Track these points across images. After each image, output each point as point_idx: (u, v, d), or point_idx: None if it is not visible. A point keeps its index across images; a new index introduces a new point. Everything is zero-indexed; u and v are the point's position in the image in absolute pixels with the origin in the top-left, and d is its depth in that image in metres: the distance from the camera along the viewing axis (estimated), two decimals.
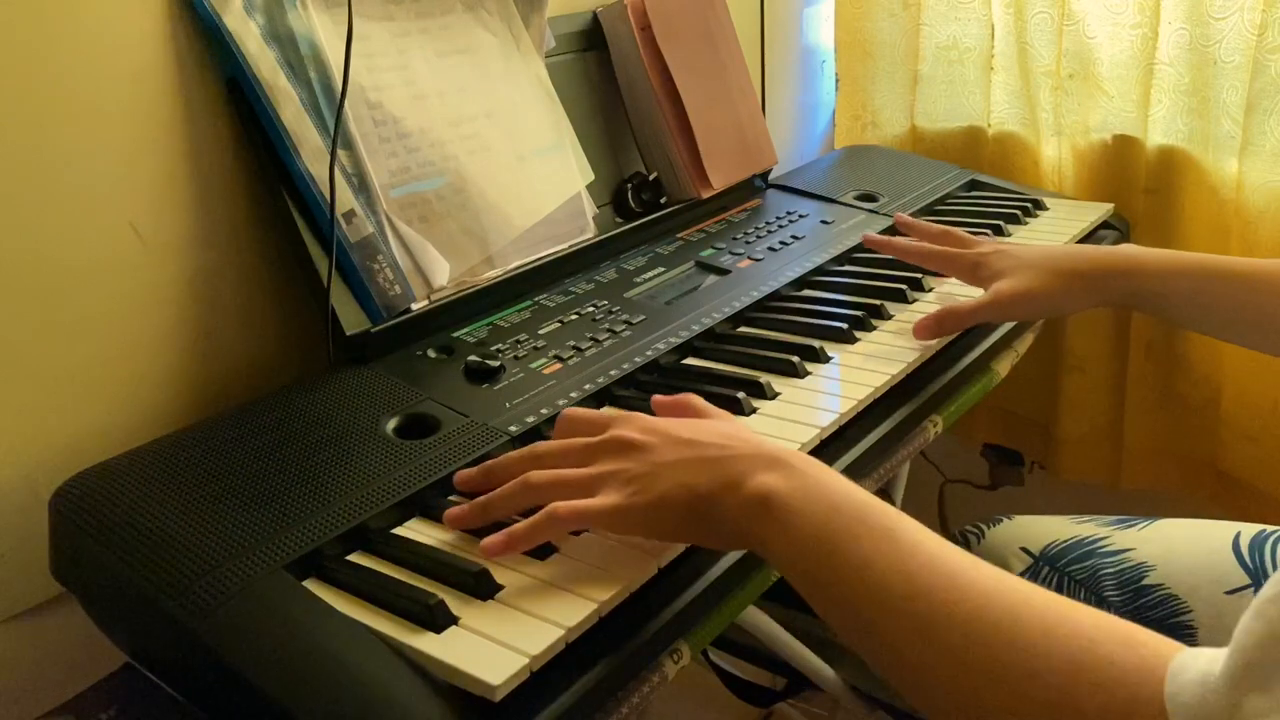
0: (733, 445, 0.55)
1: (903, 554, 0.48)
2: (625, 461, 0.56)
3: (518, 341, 0.78)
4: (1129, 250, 0.82)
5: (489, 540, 0.54)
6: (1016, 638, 0.43)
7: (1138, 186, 1.21)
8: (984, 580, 0.46)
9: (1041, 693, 0.42)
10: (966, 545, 0.90)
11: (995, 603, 0.45)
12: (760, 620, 0.93)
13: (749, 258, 0.97)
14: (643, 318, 0.83)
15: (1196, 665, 0.39)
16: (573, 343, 0.78)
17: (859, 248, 1.01)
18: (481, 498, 0.57)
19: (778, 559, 0.52)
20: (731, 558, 0.59)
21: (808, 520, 0.50)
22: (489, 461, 0.61)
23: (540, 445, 0.60)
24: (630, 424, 0.58)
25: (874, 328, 0.84)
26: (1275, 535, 0.76)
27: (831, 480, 0.53)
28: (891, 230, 1.07)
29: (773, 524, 0.51)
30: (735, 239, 1.01)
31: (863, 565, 0.48)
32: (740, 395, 0.72)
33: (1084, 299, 0.83)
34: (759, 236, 1.02)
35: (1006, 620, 0.44)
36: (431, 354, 0.76)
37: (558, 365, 0.75)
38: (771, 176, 1.17)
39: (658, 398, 0.64)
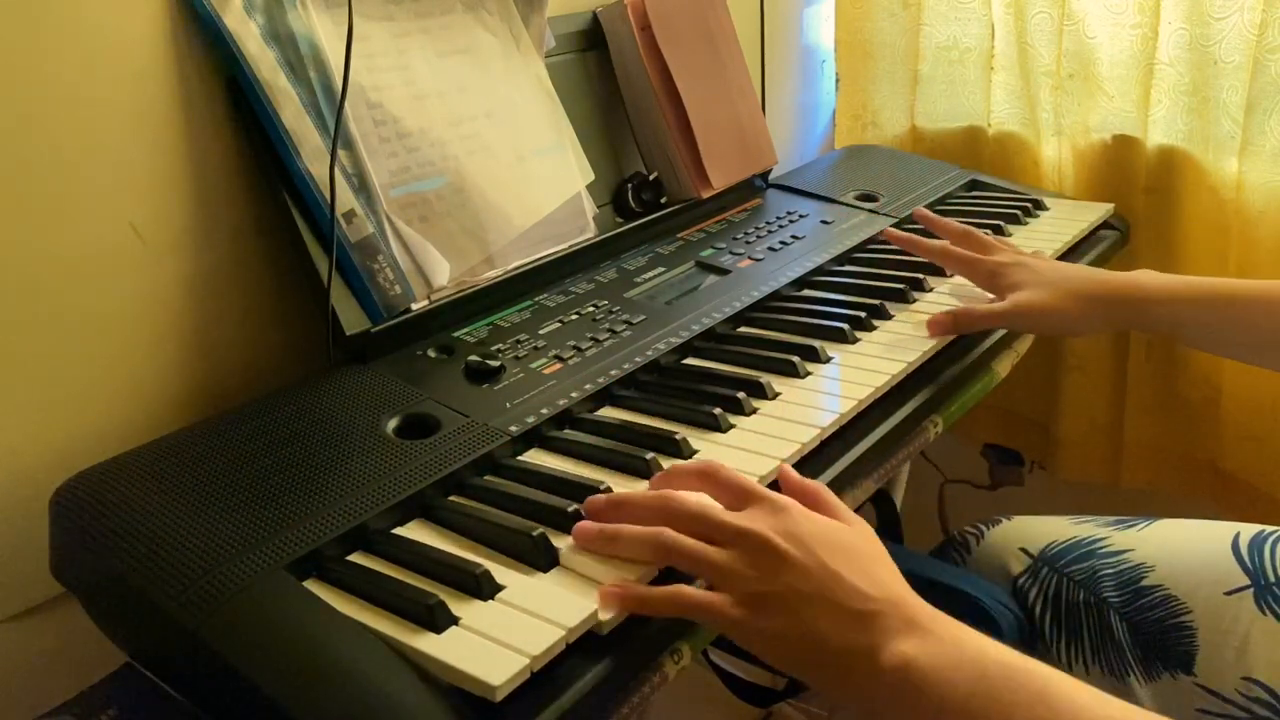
0: (872, 596, 0.51)
1: (1057, 716, 0.46)
2: (758, 570, 0.52)
3: (518, 341, 0.78)
4: (1141, 279, 0.83)
5: (606, 590, 0.53)
6: None
7: (1138, 186, 1.20)
8: None
9: None
10: (966, 545, 0.90)
11: None
12: None
13: (749, 258, 0.97)
14: (643, 318, 0.83)
15: None
16: (573, 343, 0.78)
17: (859, 247, 1.01)
18: (612, 528, 0.56)
19: None
20: None
21: (953, 691, 0.48)
22: (621, 494, 0.59)
23: (674, 500, 0.56)
24: (775, 518, 0.54)
25: (874, 328, 0.84)
26: (1275, 535, 0.76)
27: (972, 641, 0.50)
28: (900, 227, 1.07)
29: (914, 697, 0.48)
30: (735, 239, 1.01)
31: None
32: (740, 395, 0.72)
33: (1096, 324, 0.85)
34: (759, 236, 1.02)
35: None
36: (432, 354, 0.76)
37: (558, 365, 0.75)
38: (771, 176, 1.17)
39: (788, 475, 0.61)
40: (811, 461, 0.68)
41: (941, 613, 0.52)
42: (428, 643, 0.50)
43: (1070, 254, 1.05)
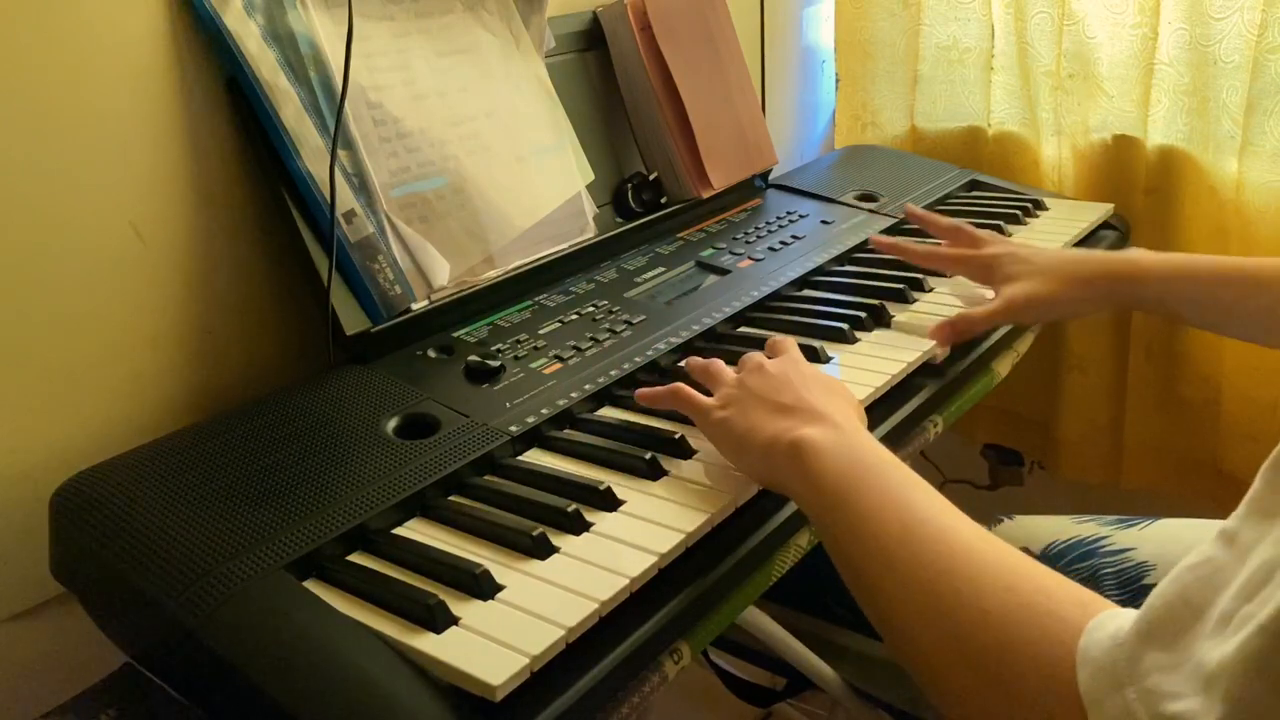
0: (805, 400, 0.61)
1: (907, 510, 0.51)
2: (741, 382, 0.65)
3: (518, 341, 0.78)
4: (1135, 256, 0.84)
5: (639, 391, 0.70)
6: (983, 587, 0.46)
7: (1138, 186, 1.21)
8: (974, 540, 0.49)
9: (992, 637, 0.44)
10: None
11: (976, 558, 0.48)
12: (760, 620, 0.93)
13: (749, 258, 0.97)
14: (643, 318, 0.83)
15: (1113, 623, 0.41)
16: (573, 342, 0.78)
17: (859, 248, 1.01)
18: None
19: (798, 500, 0.58)
20: (731, 558, 0.59)
21: (830, 468, 0.55)
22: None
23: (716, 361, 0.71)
24: (785, 358, 0.67)
25: (874, 328, 0.84)
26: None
27: (865, 440, 0.58)
28: (894, 230, 1.07)
29: (799, 468, 0.56)
30: (735, 239, 1.01)
31: (867, 515, 0.52)
32: None
33: (1093, 304, 0.85)
34: (759, 236, 1.02)
35: (979, 573, 0.47)
36: (431, 354, 0.76)
37: (558, 365, 0.75)
38: (771, 176, 1.17)
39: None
40: None
41: (863, 426, 0.60)
42: (427, 643, 0.50)
43: None
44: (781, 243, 1.01)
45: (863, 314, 0.84)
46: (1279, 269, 0.78)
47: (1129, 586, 0.78)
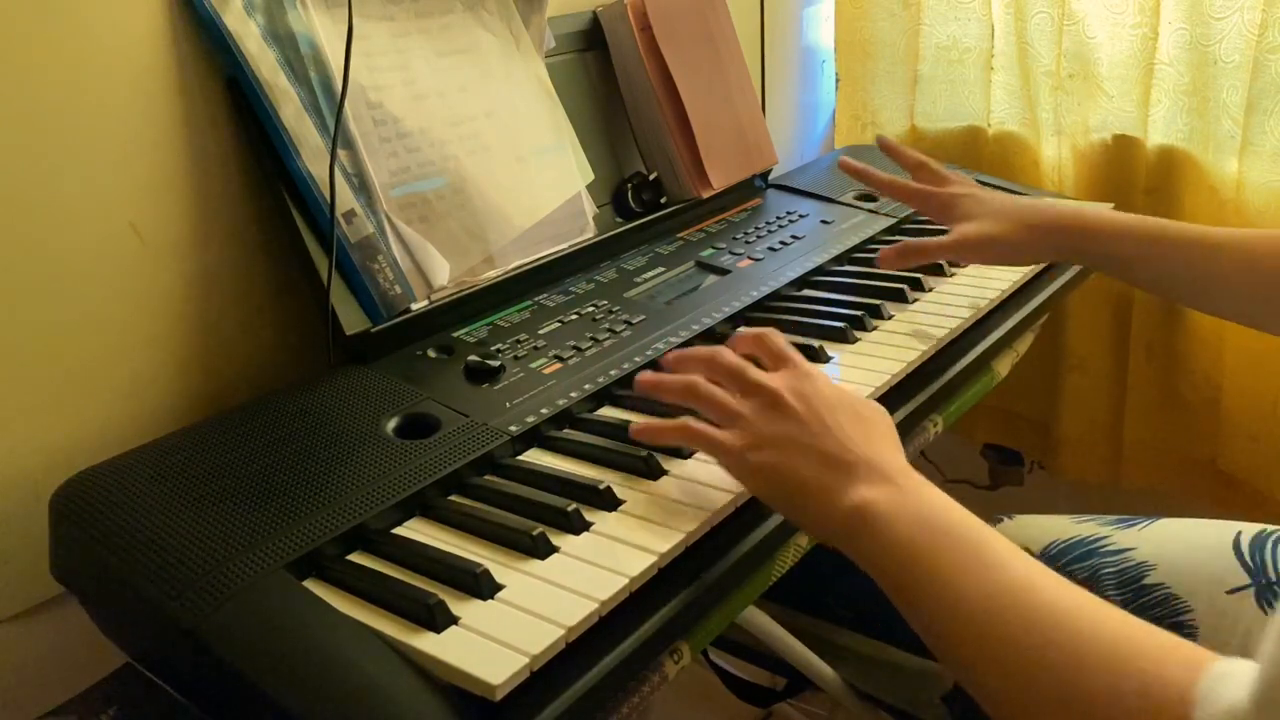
0: (852, 450, 0.56)
1: (985, 571, 0.49)
2: (762, 417, 0.59)
3: (518, 341, 0.78)
4: (1090, 210, 0.86)
5: (635, 425, 0.63)
6: (1084, 660, 0.44)
7: (1138, 186, 1.21)
8: (1062, 601, 0.47)
9: (1099, 712, 0.43)
10: None
11: (1068, 624, 0.46)
12: (760, 620, 0.93)
13: (749, 258, 0.97)
14: (643, 318, 0.83)
15: (1228, 692, 0.40)
16: (573, 342, 0.78)
17: (859, 247, 1.01)
18: (659, 377, 0.64)
19: (869, 568, 0.54)
20: (731, 558, 0.59)
21: (898, 532, 0.52)
22: (683, 351, 0.66)
23: (719, 355, 0.63)
24: (795, 379, 0.61)
25: (873, 328, 0.84)
26: (1276, 535, 0.76)
27: (928, 494, 0.54)
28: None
29: (866, 535, 0.53)
30: (735, 239, 1.01)
31: (944, 580, 0.50)
32: None
33: (1041, 253, 0.88)
34: (759, 236, 1.02)
35: (1076, 643, 0.45)
36: (431, 354, 0.76)
37: (558, 365, 0.75)
38: (771, 176, 1.17)
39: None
40: None
41: (919, 474, 0.56)
42: (427, 642, 0.50)
43: None
44: (781, 243, 1.01)
45: (862, 314, 0.84)
46: (1224, 238, 0.79)
47: (1129, 586, 0.78)
